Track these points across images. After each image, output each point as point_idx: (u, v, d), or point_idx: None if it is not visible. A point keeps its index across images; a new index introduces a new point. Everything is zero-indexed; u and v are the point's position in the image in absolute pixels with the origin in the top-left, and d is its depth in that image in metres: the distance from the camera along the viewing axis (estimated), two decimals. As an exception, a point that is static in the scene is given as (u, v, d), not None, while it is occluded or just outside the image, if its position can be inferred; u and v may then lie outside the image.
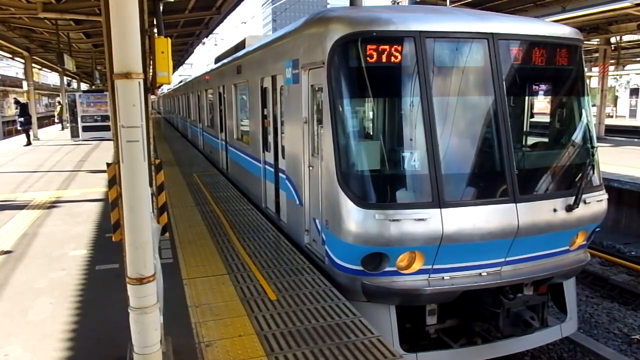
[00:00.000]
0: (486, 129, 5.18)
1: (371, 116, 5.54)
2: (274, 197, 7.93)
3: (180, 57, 32.35)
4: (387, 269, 4.91)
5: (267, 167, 8.37)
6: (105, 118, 21.42)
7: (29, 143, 20.60)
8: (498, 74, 5.07)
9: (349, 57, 5.03)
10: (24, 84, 27.20)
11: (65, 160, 15.79)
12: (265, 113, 8.34)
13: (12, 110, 46.52)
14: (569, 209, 5.15)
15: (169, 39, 4.78)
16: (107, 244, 6.70)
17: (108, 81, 3.46)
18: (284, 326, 4.29)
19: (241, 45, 11.28)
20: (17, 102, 23.93)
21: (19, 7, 13.51)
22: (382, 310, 5.06)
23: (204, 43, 28.87)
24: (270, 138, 8.08)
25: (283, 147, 7.20)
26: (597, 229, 5.78)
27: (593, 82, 27.40)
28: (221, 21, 17.37)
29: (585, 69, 5.88)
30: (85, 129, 22.02)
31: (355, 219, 4.80)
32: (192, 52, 30.38)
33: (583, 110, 5.72)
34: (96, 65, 25.10)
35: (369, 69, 4.91)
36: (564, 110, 5.98)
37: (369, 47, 4.82)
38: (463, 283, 4.98)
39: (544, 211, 5.06)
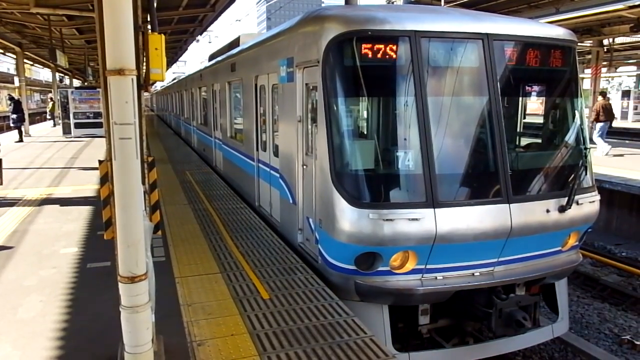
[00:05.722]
0: (480, 129, 5.19)
1: (366, 115, 5.53)
2: (267, 195, 7.91)
3: (174, 54, 32.23)
4: (381, 268, 4.91)
5: (260, 165, 8.34)
6: (97, 115, 21.28)
7: (20, 139, 20.44)
8: (492, 74, 5.07)
9: (344, 56, 5.02)
10: (16, 79, 26.97)
11: (56, 157, 15.67)
12: (260, 111, 8.31)
13: (3, 106, 46.16)
14: (562, 209, 5.17)
15: (162, 35, 4.73)
16: (98, 241, 6.65)
17: (101, 77, 3.42)
18: (277, 325, 4.28)
19: (235, 43, 11.24)
20: (11, 98, 23.68)
21: (10, 2, 13.37)
22: (375, 310, 5.06)
23: (198, 40, 28.74)
24: (264, 136, 8.05)
25: (277, 146, 7.18)
26: (589, 230, 5.82)
27: (585, 84, 27.58)
28: (215, 19, 17.31)
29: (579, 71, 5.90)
30: (77, 125, 21.89)
31: (349, 218, 4.79)
32: (186, 49, 30.28)
33: (576, 112, 5.75)
34: (89, 61, 24.95)
35: (364, 68, 4.90)
36: (557, 111, 6.01)
37: (364, 46, 4.81)
38: (456, 283, 4.99)
39: (536, 212, 5.08)
